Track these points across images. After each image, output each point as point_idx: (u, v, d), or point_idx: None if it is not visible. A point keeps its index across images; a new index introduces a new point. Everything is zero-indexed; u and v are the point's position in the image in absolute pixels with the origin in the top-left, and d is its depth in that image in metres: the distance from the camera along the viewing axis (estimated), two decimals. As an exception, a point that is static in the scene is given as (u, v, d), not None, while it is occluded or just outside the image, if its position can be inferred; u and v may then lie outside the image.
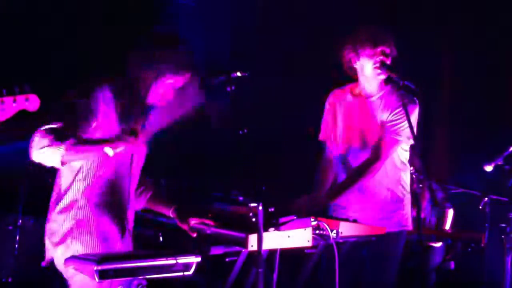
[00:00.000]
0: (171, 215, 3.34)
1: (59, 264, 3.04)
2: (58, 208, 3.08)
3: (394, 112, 3.76)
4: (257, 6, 6.38)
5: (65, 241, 3.03)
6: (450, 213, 6.03)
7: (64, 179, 3.10)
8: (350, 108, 3.92)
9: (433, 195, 5.93)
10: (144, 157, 3.30)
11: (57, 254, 3.04)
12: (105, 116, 3.06)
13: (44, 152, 2.86)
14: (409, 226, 3.87)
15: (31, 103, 2.50)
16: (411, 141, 3.68)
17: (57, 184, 3.13)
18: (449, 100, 6.68)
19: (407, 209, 3.87)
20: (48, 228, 3.11)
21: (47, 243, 3.11)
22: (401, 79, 3.53)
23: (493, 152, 4.81)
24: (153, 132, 3.22)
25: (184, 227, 3.25)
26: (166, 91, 3.17)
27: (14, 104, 2.47)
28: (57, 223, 3.07)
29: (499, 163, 4.71)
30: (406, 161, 3.88)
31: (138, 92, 3.14)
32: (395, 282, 3.83)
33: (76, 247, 3.01)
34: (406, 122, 3.53)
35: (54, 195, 3.14)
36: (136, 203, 3.31)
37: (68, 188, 3.07)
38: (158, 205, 3.40)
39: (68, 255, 2.95)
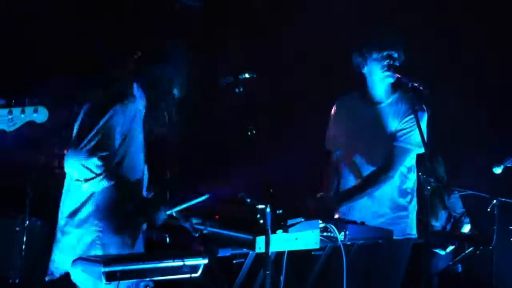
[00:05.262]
0: (174, 214, 3.33)
1: (79, 278, 2.97)
2: (76, 220, 3.03)
3: (405, 120, 3.73)
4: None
5: (86, 254, 2.97)
6: (466, 227, 5.99)
7: (80, 191, 3.04)
8: (358, 114, 3.90)
9: (442, 200, 5.91)
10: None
11: (77, 269, 2.95)
12: (135, 116, 3.09)
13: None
14: (414, 234, 3.84)
15: (40, 114, 2.52)
16: (422, 149, 3.63)
17: (70, 198, 3.08)
18: (459, 101, 6.65)
19: (412, 217, 3.84)
20: (65, 242, 3.06)
21: (63, 257, 3.04)
22: (410, 81, 3.50)
23: (502, 154, 4.79)
24: (157, 130, 3.24)
25: (187, 225, 3.24)
26: (171, 92, 3.20)
27: (22, 115, 2.49)
28: (76, 236, 3.03)
29: (508, 165, 4.69)
30: (412, 168, 3.85)
31: (155, 92, 3.17)
32: (400, 285, 3.81)
33: None
34: (416, 130, 3.49)
35: (68, 207, 3.08)
36: None
37: (86, 201, 3.03)
38: None
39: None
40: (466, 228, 6.01)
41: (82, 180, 2.94)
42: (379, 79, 3.77)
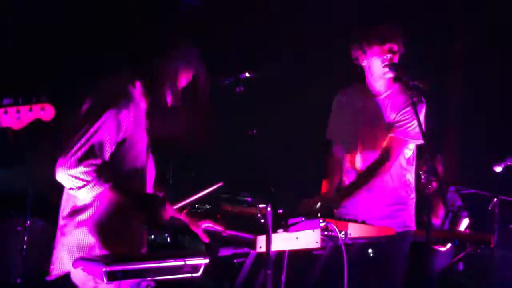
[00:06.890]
0: (182, 218, 3.31)
1: (79, 278, 2.96)
2: (77, 221, 2.99)
3: (402, 112, 3.74)
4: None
5: (88, 254, 2.95)
6: (465, 221, 5.98)
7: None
8: (357, 107, 3.91)
9: (443, 197, 5.90)
10: (154, 164, 3.29)
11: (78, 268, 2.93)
12: (136, 117, 3.04)
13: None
14: (413, 226, 3.85)
15: (47, 112, 2.50)
16: (420, 141, 3.66)
17: (70, 199, 3.04)
18: (460, 99, 6.66)
19: (412, 209, 3.86)
20: (65, 243, 3.02)
21: (63, 257, 3.01)
22: (411, 79, 3.50)
23: (503, 152, 4.79)
24: (161, 134, 3.22)
25: (198, 231, 3.21)
26: (177, 90, 3.17)
27: (29, 113, 2.47)
28: (77, 237, 2.99)
29: (509, 163, 4.69)
30: (411, 160, 3.86)
31: (158, 93, 3.13)
32: (401, 283, 3.81)
33: None
34: (414, 121, 3.51)
35: (68, 208, 3.04)
36: None
37: (90, 203, 2.99)
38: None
39: None
40: (465, 223, 5.99)
41: (75, 188, 2.89)
42: (378, 73, 3.78)
